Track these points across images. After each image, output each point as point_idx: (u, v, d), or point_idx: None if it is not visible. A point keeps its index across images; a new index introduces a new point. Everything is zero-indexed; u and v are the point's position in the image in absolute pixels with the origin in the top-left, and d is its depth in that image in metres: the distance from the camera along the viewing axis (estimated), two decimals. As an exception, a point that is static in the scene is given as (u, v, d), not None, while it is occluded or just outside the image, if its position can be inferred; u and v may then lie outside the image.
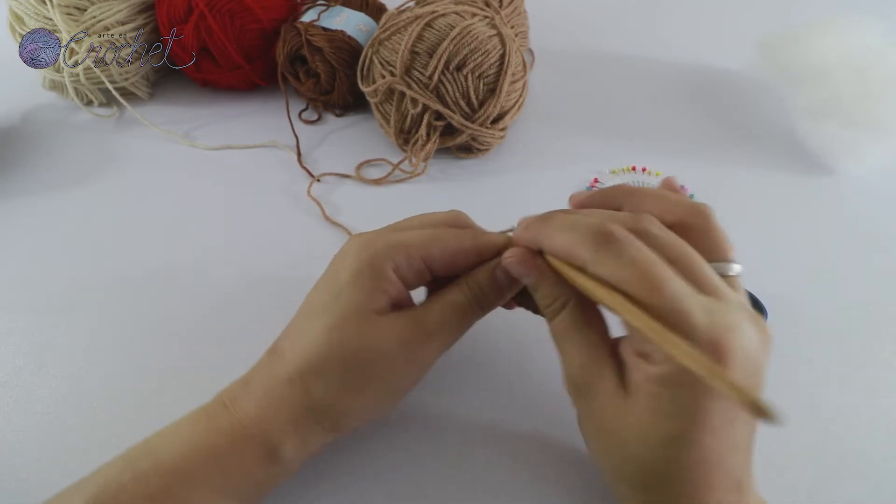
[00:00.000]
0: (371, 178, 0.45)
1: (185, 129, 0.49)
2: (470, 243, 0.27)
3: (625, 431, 0.22)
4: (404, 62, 0.41)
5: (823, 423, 0.30)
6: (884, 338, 0.34)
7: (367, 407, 0.26)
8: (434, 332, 0.26)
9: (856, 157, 0.45)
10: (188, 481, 0.23)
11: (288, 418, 0.24)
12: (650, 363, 0.21)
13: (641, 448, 0.22)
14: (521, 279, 0.26)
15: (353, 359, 0.24)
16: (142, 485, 0.22)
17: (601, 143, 0.48)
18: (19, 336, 0.35)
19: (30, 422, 0.31)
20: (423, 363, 0.26)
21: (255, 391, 0.25)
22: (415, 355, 0.25)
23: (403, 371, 0.26)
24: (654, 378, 0.21)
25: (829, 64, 0.46)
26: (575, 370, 0.24)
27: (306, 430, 0.24)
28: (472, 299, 0.26)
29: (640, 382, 0.22)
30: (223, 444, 0.24)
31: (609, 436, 0.23)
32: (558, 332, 0.25)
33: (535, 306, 0.28)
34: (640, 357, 0.22)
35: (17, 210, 0.43)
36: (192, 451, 0.23)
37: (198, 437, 0.24)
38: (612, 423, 0.23)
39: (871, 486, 0.28)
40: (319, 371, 0.24)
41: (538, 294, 0.25)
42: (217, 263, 0.39)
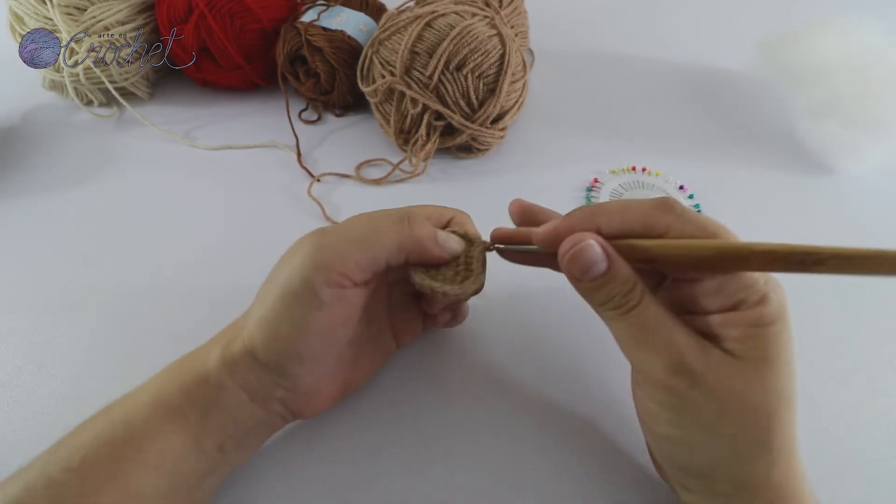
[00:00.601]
0: (371, 178, 0.45)
1: (185, 129, 0.49)
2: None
3: (751, 394, 0.21)
4: (404, 62, 0.41)
5: (823, 423, 0.30)
6: (884, 338, 0.34)
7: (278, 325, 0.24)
8: (329, 232, 0.26)
9: (856, 157, 0.45)
10: (142, 406, 0.24)
11: (222, 343, 0.26)
12: (746, 308, 0.22)
13: (768, 401, 0.21)
14: (588, 271, 0.23)
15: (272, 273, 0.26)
16: (106, 413, 0.25)
17: (601, 143, 0.48)
18: (19, 336, 0.35)
19: (30, 422, 0.31)
20: (317, 262, 0.24)
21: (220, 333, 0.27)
22: (307, 252, 0.24)
23: (296, 271, 0.24)
24: (762, 319, 0.22)
25: (829, 64, 0.46)
26: (687, 354, 0.22)
27: (235, 350, 0.25)
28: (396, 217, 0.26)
29: (747, 334, 0.22)
30: (173, 369, 0.26)
31: (736, 408, 0.21)
32: (647, 320, 0.22)
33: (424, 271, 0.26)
34: (731, 311, 0.22)
35: (17, 210, 0.43)
36: (150, 382, 0.26)
37: (160, 374, 0.26)
38: (738, 388, 0.21)
39: (871, 486, 0.28)
40: (261, 301, 0.25)
41: (613, 284, 0.23)
42: (217, 263, 0.39)
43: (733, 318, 0.22)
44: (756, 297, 0.22)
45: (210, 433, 0.25)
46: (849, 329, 0.35)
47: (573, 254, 0.23)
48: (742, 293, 0.22)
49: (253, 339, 0.25)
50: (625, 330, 0.23)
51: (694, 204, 0.42)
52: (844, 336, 0.35)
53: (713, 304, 0.23)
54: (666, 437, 0.23)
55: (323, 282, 0.24)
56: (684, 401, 0.22)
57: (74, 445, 0.23)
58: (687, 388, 0.22)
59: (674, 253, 0.22)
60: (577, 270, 0.23)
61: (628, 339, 0.23)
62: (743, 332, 0.22)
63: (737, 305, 0.22)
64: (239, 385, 0.25)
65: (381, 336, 0.31)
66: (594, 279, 0.23)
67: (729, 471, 0.22)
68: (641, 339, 0.23)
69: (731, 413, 0.21)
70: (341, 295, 0.24)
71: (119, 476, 0.23)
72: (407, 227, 0.25)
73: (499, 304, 0.32)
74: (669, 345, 0.22)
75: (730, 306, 0.22)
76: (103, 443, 0.23)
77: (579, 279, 0.23)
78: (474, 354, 0.33)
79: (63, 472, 0.22)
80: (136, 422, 0.24)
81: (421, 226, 0.26)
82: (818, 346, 0.34)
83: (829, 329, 0.35)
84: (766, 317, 0.22)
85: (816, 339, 0.34)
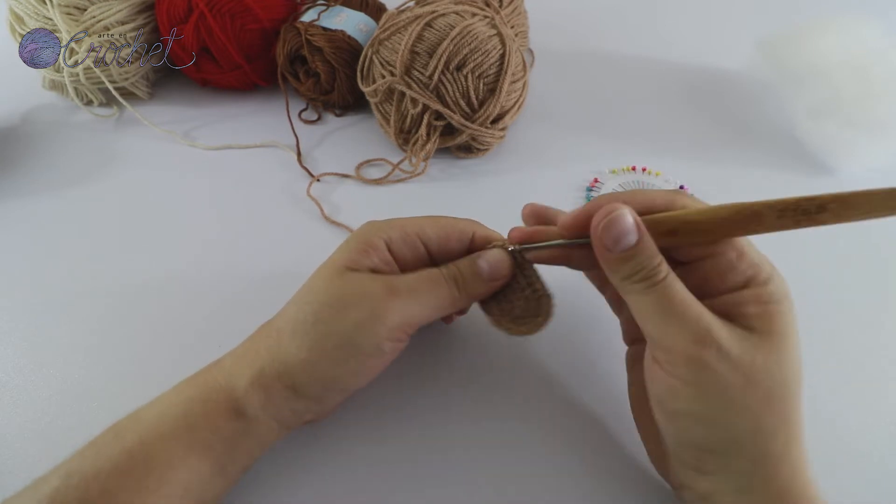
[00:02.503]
0: (371, 177, 0.45)
1: (185, 129, 0.49)
2: (464, 224, 0.28)
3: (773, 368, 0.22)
4: (404, 62, 0.41)
5: (823, 423, 0.30)
6: (884, 338, 0.34)
7: (327, 364, 0.25)
8: (400, 293, 0.25)
9: (856, 157, 0.45)
10: (158, 434, 0.24)
11: (254, 371, 0.25)
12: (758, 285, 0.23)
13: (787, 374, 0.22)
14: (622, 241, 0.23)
15: (320, 309, 0.25)
16: (118, 438, 0.24)
17: (601, 143, 0.48)
18: (19, 336, 0.35)
19: (30, 422, 0.31)
20: (385, 322, 0.25)
21: (237, 349, 0.26)
22: (375, 310, 0.25)
23: (364, 326, 0.25)
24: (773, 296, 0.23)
25: (829, 64, 0.46)
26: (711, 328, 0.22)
27: (269, 383, 0.25)
28: (448, 275, 0.27)
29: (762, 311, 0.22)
30: (194, 396, 0.25)
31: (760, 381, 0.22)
32: (674, 294, 0.22)
33: (494, 310, 0.28)
34: (743, 289, 0.23)
35: (17, 210, 0.43)
36: (167, 406, 0.25)
37: (176, 395, 0.25)
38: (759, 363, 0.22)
39: (871, 486, 0.28)
40: (293, 325, 0.25)
41: (642, 257, 0.23)
42: (216, 263, 0.39)
43: (747, 296, 0.23)
44: (764, 276, 0.23)
45: (237, 460, 0.25)
46: (849, 329, 0.35)
47: (607, 222, 0.23)
48: (752, 270, 0.23)
49: (296, 377, 0.25)
50: (652, 303, 0.23)
51: (694, 204, 0.42)
52: (844, 336, 0.34)
53: (726, 283, 0.23)
54: (686, 414, 0.23)
55: (388, 338, 0.25)
56: (710, 374, 0.22)
57: (90, 474, 0.22)
58: (714, 360, 0.22)
59: (696, 219, 0.23)
60: (609, 239, 0.23)
61: (654, 311, 0.23)
62: (759, 309, 0.23)
63: (748, 283, 0.23)
64: (272, 416, 0.25)
65: None
66: (625, 250, 0.23)
67: (750, 447, 0.22)
68: (669, 312, 0.22)
69: (756, 386, 0.22)
70: (400, 346, 0.27)
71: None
72: (460, 292, 0.27)
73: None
74: (697, 317, 0.22)
75: (742, 283, 0.23)
76: (123, 472, 0.23)
77: (611, 249, 0.23)
78: (476, 353, 0.33)
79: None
80: (158, 452, 0.23)
81: (476, 284, 0.27)
82: (818, 346, 0.34)
83: (828, 329, 0.35)
84: (775, 294, 0.23)
85: (816, 339, 0.34)
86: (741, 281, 0.23)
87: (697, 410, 0.23)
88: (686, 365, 0.22)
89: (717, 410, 0.22)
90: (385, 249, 0.27)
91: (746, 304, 0.23)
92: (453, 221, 0.28)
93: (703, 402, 0.22)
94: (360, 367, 0.26)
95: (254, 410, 0.24)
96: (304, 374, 0.25)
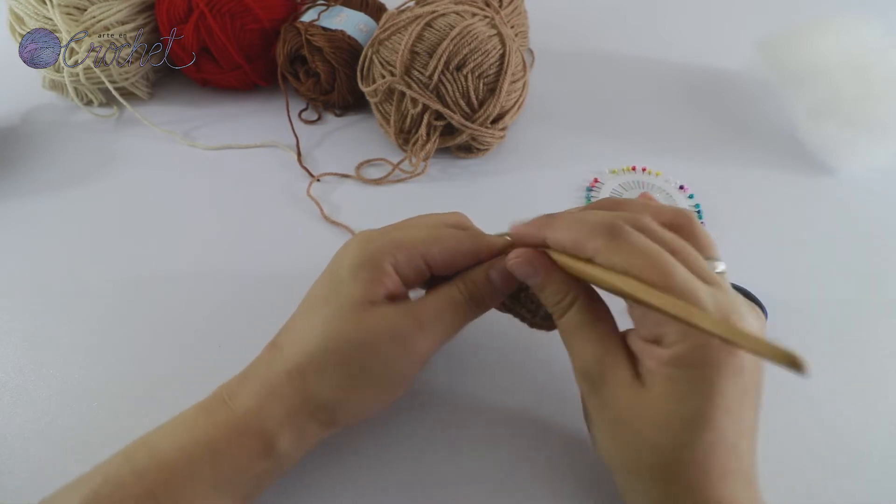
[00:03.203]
0: (371, 177, 0.45)
1: (185, 129, 0.49)
2: (469, 245, 0.28)
3: (640, 420, 0.22)
4: (404, 62, 0.41)
5: (823, 423, 0.30)
6: (883, 337, 0.34)
7: (363, 400, 0.26)
8: (427, 323, 0.26)
9: (856, 157, 0.45)
10: (185, 475, 0.23)
11: (285, 411, 0.24)
12: (663, 346, 0.22)
13: (658, 435, 0.22)
14: (527, 280, 0.26)
15: (350, 350, 0.25)
16: (140, 479, 0.23)
17: (601, 143, 0.48)
18: (19, 336, 0.35)
19: (30, 422, 0.31)
20: (416, 354, 0.26)
21: (254, 385, 0.25)
22: (407, 345, 0.25)
23: (397, 361, 0.25)
24: (668, 360, 0.22)
25: (829, 64, 0.46)
26: (588, 364, 0.24)
27: (303, 423, 0.25)
28: (467, 296, 0.27)
29: (655, 368, 0.22)
30: (220, 437, 0.24)
31: (624, 427, 0.23)
32: (569, 328, 0.25)
33: (523, 313, 0.29)
34: (652, 343, 0.22)
35: (17, 210, 0.43)
36: (190, 445, 0.24)
37: (196, 432, 0.24)
38: (628, 413, 0.23)
39: (872, 486, 0.28)
40: (318, 364, 0.24)
41: (545, 293, 0.26)
42: (217, 263, 0.39)
43: (650, 351, 0.23)
44: (675, 336, 0.22)
45: (260, 489, 0.25)
46: (849, 329, 0.35)
47: (512, 264, 0.26)
48: (660, 329, 0.22)
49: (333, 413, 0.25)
50: (560, 329, 0.26)
51: (694, 204, 0.42)
52: (844, 336, 0.34)
53: (641, 331, 0.24)
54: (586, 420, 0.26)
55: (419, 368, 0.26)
56: (589, 402, 0.25)
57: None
58: (588, 392, 0.25)
59: (588, 278, 0.24)
60: (519, 277, 0.26)
61: (562, 334, 0.26)
62: (653, 366, 0.22)
63: (658, 339, 0.22)
64: (301, 451, 0.26)
65: None
66: (534, 286, 0.26)
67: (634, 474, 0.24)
68: (565, 340, 0.26)
69: (625, 426, 0.23)
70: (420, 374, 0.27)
71: None
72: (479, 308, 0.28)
73: (498, 314, 0.32)
74: (580, 351, 0.25)
75: (651, 338, 0.23)
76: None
77: (525, 281, 0.26)
78: (474, 362, 0.33)
79: None
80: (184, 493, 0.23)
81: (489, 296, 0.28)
82: (818, 346, 0.34)
83: (828, 329, 0.35)
84: (682, 358, 0.21)
85: (816, 339, 0.34)
86: (651, 336, 0.23)
87: (590, 428, 0.26)
88: (580, 387, 0.26)
89: (598, 434, 0.25)
90: (394, 273, 0.26)
91: (647, 356, 0.23)
92: (457, 243, 0.27)
93: (589, 422, 0.26)
94: (393, 397, 0.27)
95: (285, 448, 0.24)
96: (340, 411, 0.25)
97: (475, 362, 0.33)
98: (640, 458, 0.23)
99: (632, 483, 0.24)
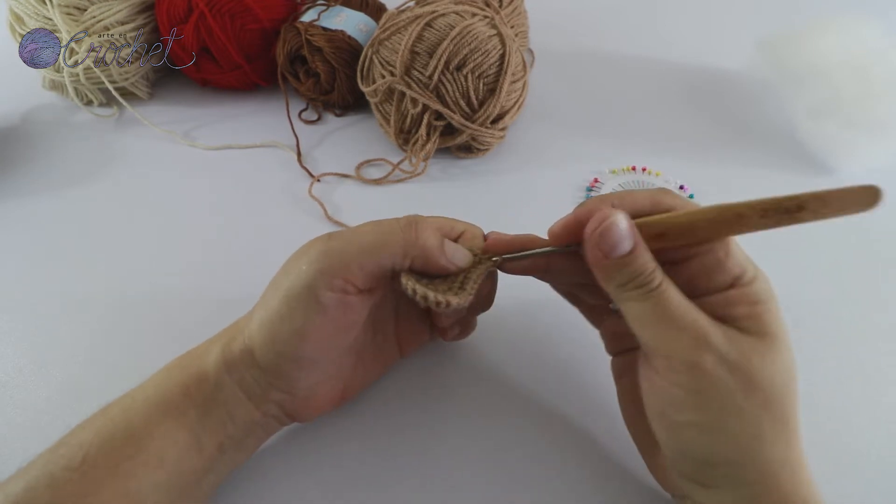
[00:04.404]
0: (371, 177, 0.45)
1: (185, 129, 0.49)
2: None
3: (770, 370, 0.22)
4: (404, 62, 0.41)
5: (823, 423, 0.30)
6: (883, 337, 0.34)
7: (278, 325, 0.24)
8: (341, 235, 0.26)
9: (856, 157, 0.45)
10: (141, 404, 0.25)
11: (223, 340, 0.26)
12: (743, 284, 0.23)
13: (783, 376, 0.22)
14: (617, 248, 0.23)
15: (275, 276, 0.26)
16: (105, 413, 0.25)
17: (601, 143, 0.48)
18: (19, 336, 0.35)
19: (30, 422, 0.31)
20: (319, 266, 0.24)
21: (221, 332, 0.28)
22: (312, 256, 0.25)
23: (300, 274, 0.24)
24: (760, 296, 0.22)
25: (829, 64, 0.46)
26: (710, 333, 0.22)
27: (235, 350, 0.25)
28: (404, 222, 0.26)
29: (752, 311, 0.22)
30: (172, 366, 0.26)
31: (758, 384, 0.21)
32: (671, 300, 0.22)
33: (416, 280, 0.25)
34: (730, 289, 0.23)
35: (17, 210, 0.43)
36: (150, 381, 0.26)
37: (160, 371, 0.27)
38: (756, 365, 0.21)
39: (872, 486, 0.28)
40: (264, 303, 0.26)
41: (638, 264, 0.23)
42: (217, 263, 0.39)
43: (735, 296, 0.22)
44: (749, 275, 0.23)
45: (210, 431, 0.25)
46: (849, 329, 0.35)
47: (602, 230, 0.23)
48: (738, 269, 0.23)
49: (253, 339, 0.25)
50: (648, 310, 0.22)
51: (694, 204, 0.42)
52: (844, 335, 0.34)
53: (713, 283, 0.23)
54: (689, 425, 0.22)
55: (326, 286, 0.24)
56: (710, 380, 0.21)
57: (75, 444, 0.23)
58: (714, 366, 0.21)
59: (683, 222, 0.23)
60: (606, 246, 0.23)
61: (651, 319, 0.22)
62: (748, 310, 0.22)
63: (734, 282, 0.23)
64: (237, 383, 0.25)
65: (385, 344, 0.31)
66: (621, 257, 0.23)
67: (753, 455, 0.22)
68: (666, 319, 0.22)
69: (755, 390, 0.21)
70: (344, 300, 0.24)
71: (119, 474, 0.23)
72: (413, 234, 0.25)
73: (500, 315, 0.32)
74: (695, 323, 0.22)
75: (729, 283, 0.23)
76: (103, 441, 0.23)
77: (607, 256, 0.23)
78: (475, 364, 0.33)
79: (64, 471, 0.22)
80: (136, 420, 0.24)
81: (428, 233, 0.25)
82: (818, 346, 0.34)
83: (828, 329, 0.35)
84: (762, 293, 0.22)
85: (816, 339, 0.34)
86: (728, 280, 0.23)
87: (700, 420, 0.22)
88: (687, 372, 0.22)
89: (719, 418, 0.22)
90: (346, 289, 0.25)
91: (735, 304, 0.22)
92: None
93: (705, 410, 0.22)
94: (305, 327, 0.24)
95: (220, 375, 0.25)
96: (258, 339, 0.25)
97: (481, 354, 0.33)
98: (772, 415, 0.22)
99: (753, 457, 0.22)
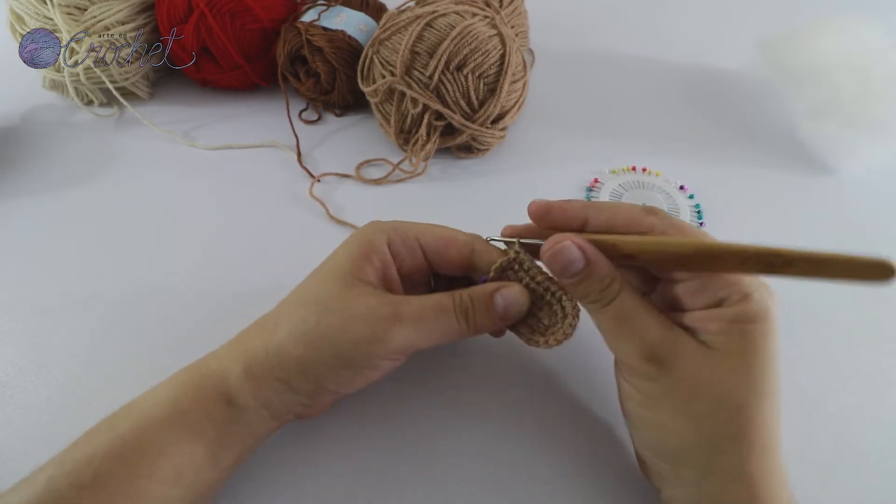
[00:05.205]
0: (371, 177, 0.45)
1: (185, 129, 0.49)
2: (464, 237, 0.28)
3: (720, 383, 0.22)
4: (404, 62, 0.41)
5: (823, 423, 0.30)
6: (883, 337, 0.34)
7: (324, 370, 0.25)
8: (405, 318, 0.25)
9: (856, 157, 0.45)
10: (154, 421, 0.24)
11: (247, 359, 0.25)
12: (727, 306, 0.23)
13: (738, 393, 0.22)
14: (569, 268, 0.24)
15: (325, 317, 0.25)
16: (112, 427, 0.24)
17: (601, 143, 0.48)
18: (19, 336, 0.35)
19: (30, 422, 0.31)
20: (386, 344, 0.25)
21: (233, 338, 0.27)
22: (376, 331, 0.25)
23: (362, 344, 0.25)
24: (736, 317, 0.22)
25: (829, 64, 0.46)
26: (656, 342, 0.23)
27: (261, 373, 0.25)
28: (457, 306, 0.26)
29: (722, 328, 0.23)
30: (187, 381, 0.26)
31: (702, 394, 0.23)
32: (625, 312, 0.24)
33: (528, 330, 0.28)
34: (712, 308, 0.23)
35: (17, 210, 0.43)
36: (161, 394, 0.25)
37: (169, 382, 0.26)
38: (707, 377, 0.23)
39: (872, 486, 0.28)
40: (293, 324, 0.25)
41: (590, 281, 0.24)
42: (217, 263, 0.39)
43: (713, 314, 0.23)
44: (738, 296, 0.23)
45: (229, 449, 0.25)
46: (848, 328, 0.35)
47: (552, 253, 0.25)
48: (724, 291, 0.23)
49: (289, 372, 0.25)
50: (603, 321, 0.25)
51: (694, 204, 0.42)
52: (844, 335, 0.34)
53: (697, 302, 0.24)
54: (640, 418, 0.25)
55: (386, 358, 0.26)
56: (656, 384, 0.24)
57: (83, 460, 0.23)
58: (657, 373, 0.23)
59: (652, 250, 0.24)
60: (557, 267, 0.25)
61: (606, 329, 0.25)
62: (720, 327, 0.23)
63: (719, 303, 0.23)
64: (263, 406, 0.25)
65: None
66: (574, 276, 0.24)
67: (696, 455, 0.23)
68: (617, 330, 0.24)
69: (700, 398, 0.23)
70: (398, 363, 0.27)
71: (133, 493, 0.22)
72: (468, 325, 0.26)
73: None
74: (642, 334, 0.24)
75: (712, 303, 0.23)
76: (115, 458, 0.23)
77: (560, 276, 0.25)
78: (475, 364, 0.33)
79: (73, 489, 0.22)
80: (150, 437, 0.23)
81: (483, 318, 0.27)
82: (818, 346, 0.34)
83: (828, 329, 0.35)
84: (746, 314, 0.23)
85: (816, 339, 0.34)
86: (712, 301, 0.24)
87: (648, 416, 0.24)
88: (636, 377, 0.24)
89: (664, 417, 0.24)
90: (386, 251, 0.27)
91: (711, 321, 0.23)
92: (453, 233, 0.28)
93: (651, 409, 0.24)
94: (355, 378, 0.26)
95: (245, 399, 0.25)
96: (297, 371, 0.25)
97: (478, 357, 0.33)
98: (717, 425, 0.23)
99: (697, 456, 0.23)
